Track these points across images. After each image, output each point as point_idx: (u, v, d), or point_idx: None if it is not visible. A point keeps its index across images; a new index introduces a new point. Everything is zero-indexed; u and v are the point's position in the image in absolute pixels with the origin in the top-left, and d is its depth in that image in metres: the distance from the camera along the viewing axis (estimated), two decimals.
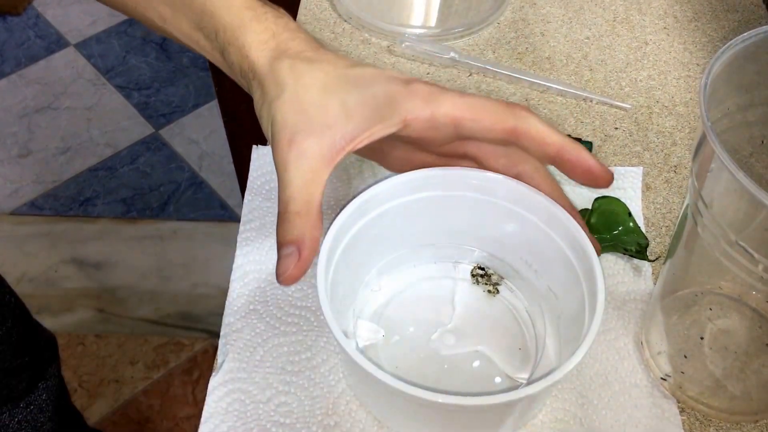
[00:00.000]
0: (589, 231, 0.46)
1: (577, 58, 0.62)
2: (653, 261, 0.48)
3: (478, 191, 0.43)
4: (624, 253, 0.48)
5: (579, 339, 0.37)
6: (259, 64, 0.40)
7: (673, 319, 0.44)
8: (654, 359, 0.43)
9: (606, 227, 0.48)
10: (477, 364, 0.43)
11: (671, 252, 0.41)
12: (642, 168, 0.54)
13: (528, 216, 0.42)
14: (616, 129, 0.57)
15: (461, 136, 0.39)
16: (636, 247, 0.48)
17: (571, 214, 0.41)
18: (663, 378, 0.43)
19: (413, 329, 0.45)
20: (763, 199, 0.30)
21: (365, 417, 0.42)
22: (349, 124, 0.38)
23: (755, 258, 0.33)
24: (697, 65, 0.61)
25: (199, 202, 1.60)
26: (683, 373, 0.42)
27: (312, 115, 0.38)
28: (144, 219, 1.57)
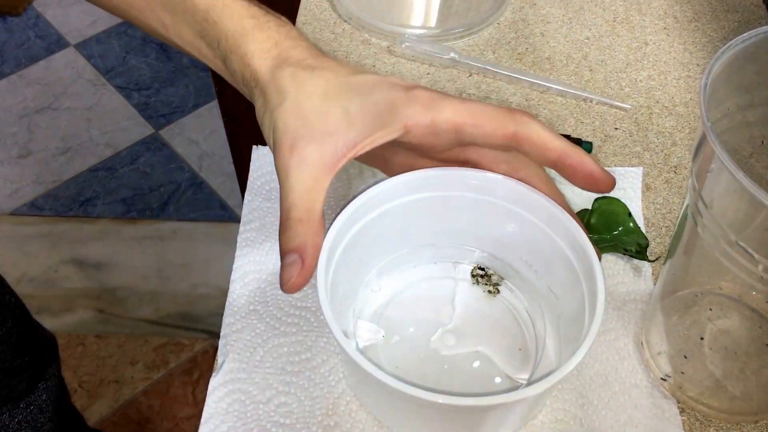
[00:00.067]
0: (590, 231, 0.46)
1: (577, 58, 0.62)
2: (653, 261, 0.48)
3: (477, 191, 0.43)
4: (624, 254, 0.48)
5: (579, 339, 0.37)
6: (261, 72, 0.40)
7: (673, 320, 0.44)
8: (654, 359, 0.43)
9: (606, 227, 0.48)
10: (477, 364, 0.43)
11: (671, 252, 0.42)
12: (642, 168, 0.54)
13: (528, 216, 0.42)
14: (616, 129, 0.57)
15: (462, 142, 0.39)
16: (636, 248, 0.48)
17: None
18: (663, 378, 0.43)
19: (413, 329, 0.45)
20: (763, 200, 0.30)
21: (365, 417, 0.42)
22: (351, 131, 0.38)
23: (755, 258, 0.33)
24: (697, 65, 0.61)
25: (199, 202, 1.60)
26: (683, 374, 0.42)
27: (313, 123, 0.38)
28: (144, 219, 1.57)
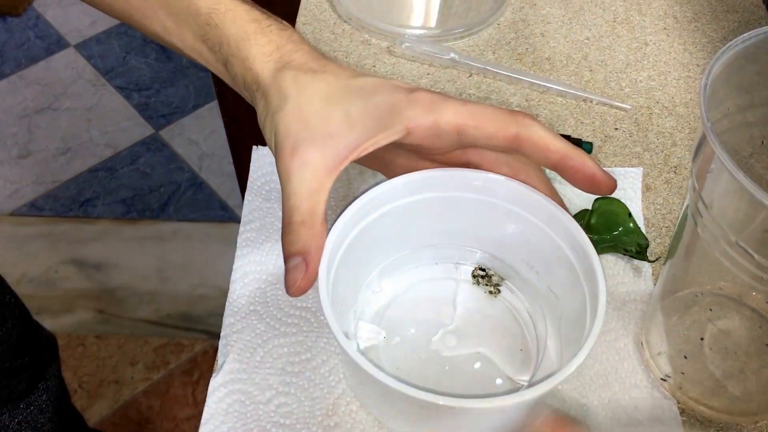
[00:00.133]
0: (590, 231, 0.46)
1: (577, 58, 0.62)
2: (653, 261, 0.49)
3: (478, 192, 0.43)
4: (624, 254, 0.48)
5: (580, 340, 0.37)
6: (263, 75, 0.40)
7: (673, 320, 0.44)
8: (654, 360, 0.43)
9: (606, 228, 0.48)
10: (478, 365, 0.43)
11: (671, 253, 0.42)
12: (642, 169, 0.54)
13: (529, 217, 0.42)
14: (616, 130, 0.57)
15: (464, 143, 0.40)
16: (636, 248, 0.48)
17: None
18: (663, 379, 0.43)
19: (414, 330, 0.45)
20: (763, 200, 0.30)
21: (365, 418, 0.42)
22: (352, 133, 0.38)
23: (755, 258, 0.34)
24: (697, 66, 0.61)
25: (199, 202, 1.60)
26: (683, 374, 0.42)
27: (315, 125, 0.38)
28: (144, 220, 1.57)
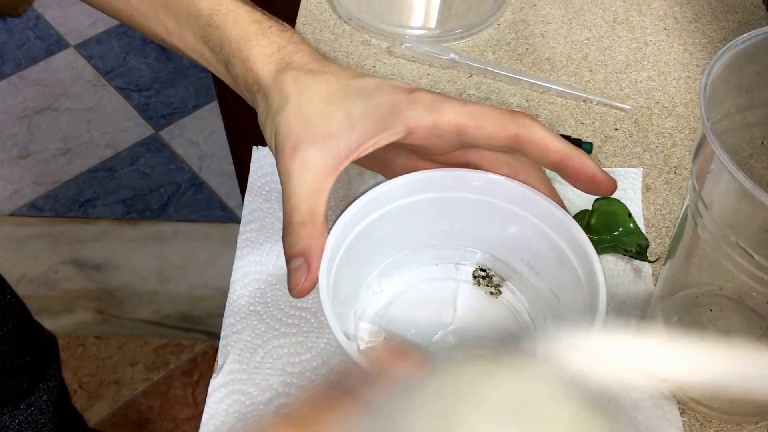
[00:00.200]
0: (590, 232, 0.46)
1: (577, 59, 0.62)
2: (653, 262, 0.49)
3: (478, 192, 0.43)
4: (624, 254, 0.48)
5: None
6: (264, 76, 0.40)
7: (674, 320, 0.44)
8: None
9: (606, 228, 0.48)
10: None
11: (671, 253, 0.42)
12: (642, 169, 0.54)
13: (528, 217, 0.42)
14: (616, 130, 0.57)
15: (464, 144, 0.40)
16: (636, 248, 0.48)
17: None
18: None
19: (415, 331, 0.45)
20: (764, 200, 0.30)
21: None
22: (353, 133, 0.38)
23: (755, 259, 0.34)
24: (697, 66, 0.62)
25: (199, 203, 1.60)
26: None
27: (315, 125, 0.38)
28: (144, 220, 1.57)
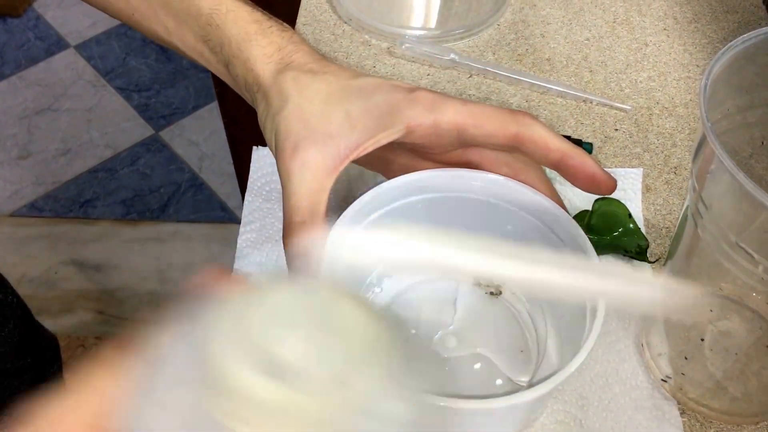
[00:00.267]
0: (589, 232, 0.46)
1: (577, 59, 0.62)
2: (653, 262, 0.48)
3: (478, 192, 0.43)
4: (624, 255, 0.48)
5: (580, 341, 0.37)
6: (264, 76, 0.40)
7: (674, 321, 0.44)
8: (654, 361, 0.43)
9: (606, 229, 0.48)
10: (478, 366, 0.43)
11: (671, 254, 0.42)
12: (642, 169, 0.54)
13: (528, 217, 0.42)
14: (616, 130, 0.57)
15: (464, 143, 0.40)
16: (636, 249, 0.48)
17: None
18: (663, 380, 0.43)
19: (414, 331, 0.45)
20: (764, 201, 0.30)
21: None
22: (353, 133, 0.38)
23: (755, 259, 0.33)
24: (697, 66, 0.62)
25: (199, 203, 1.60)
26: (684, 375, 0.42)
27: (315, 125, 0.38)
28: (144, 221, 1.57)
